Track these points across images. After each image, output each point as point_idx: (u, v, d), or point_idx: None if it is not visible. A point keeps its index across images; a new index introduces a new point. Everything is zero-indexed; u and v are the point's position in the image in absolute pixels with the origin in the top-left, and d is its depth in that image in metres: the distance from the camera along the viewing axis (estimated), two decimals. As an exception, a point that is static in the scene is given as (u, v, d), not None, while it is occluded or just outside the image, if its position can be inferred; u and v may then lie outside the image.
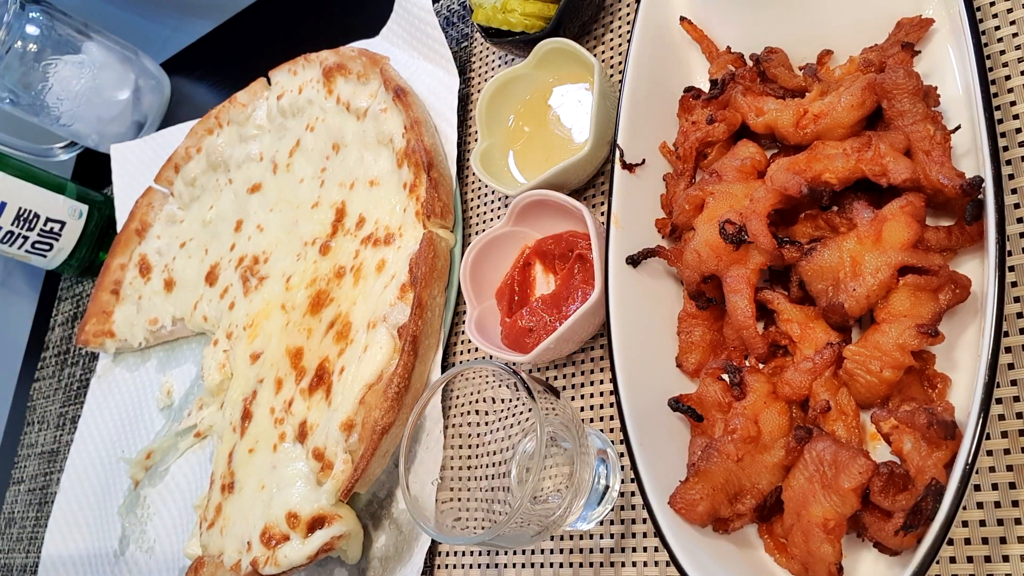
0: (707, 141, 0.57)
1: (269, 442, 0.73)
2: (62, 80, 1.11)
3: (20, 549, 1.04)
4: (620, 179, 0.58)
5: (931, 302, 0.45)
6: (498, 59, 0.82)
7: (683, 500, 0.46)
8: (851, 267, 0.46)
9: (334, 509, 0.65)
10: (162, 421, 0.94)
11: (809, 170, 0.49)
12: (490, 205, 0.76)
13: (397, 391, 0.65)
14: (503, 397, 0.56)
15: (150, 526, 0.88)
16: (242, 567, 0.67)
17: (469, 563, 0.65)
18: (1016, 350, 0.46)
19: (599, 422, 0.61)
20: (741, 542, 0.47)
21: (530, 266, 0.68)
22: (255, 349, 0.81)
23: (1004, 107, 0.50)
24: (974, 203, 0.44)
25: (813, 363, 0.47)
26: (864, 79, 0.50)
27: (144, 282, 1.00)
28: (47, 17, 1.09)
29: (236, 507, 0.72)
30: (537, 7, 0.70)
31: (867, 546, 0.44)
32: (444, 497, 0.53)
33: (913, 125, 0.48)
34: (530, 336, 0.63)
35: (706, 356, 0.54)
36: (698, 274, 0.53)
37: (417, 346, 0.67)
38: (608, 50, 0.73)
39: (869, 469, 0.41)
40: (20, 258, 1.08)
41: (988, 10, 0.52)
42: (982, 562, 0.43)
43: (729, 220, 0.50)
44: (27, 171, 1.05)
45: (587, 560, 0.58)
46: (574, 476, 0.50)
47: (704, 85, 0.61)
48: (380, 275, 0.73)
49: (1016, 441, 0.44)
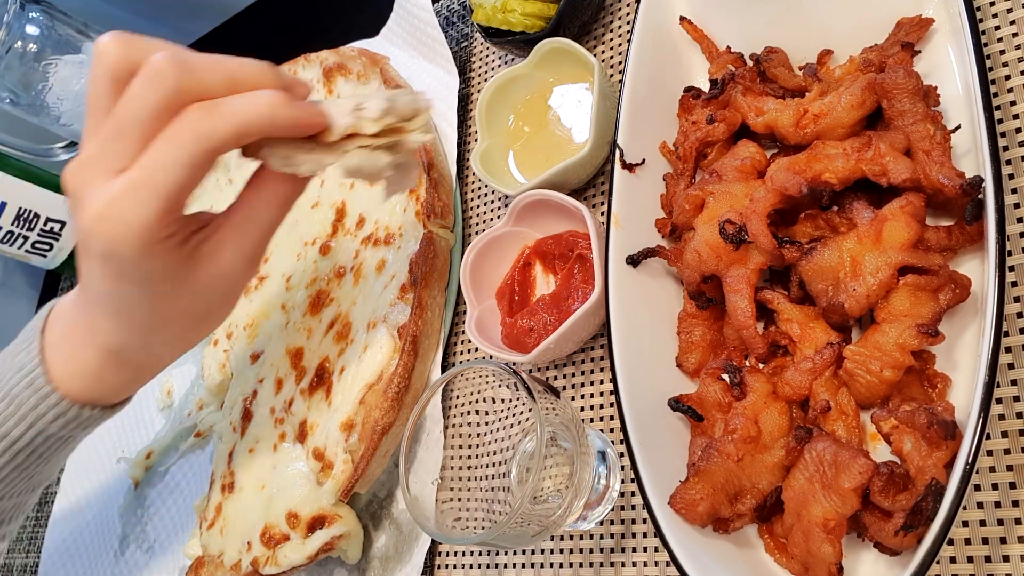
0: (707, 141, 0.57)
1: (269, 442, 0.73)
2: (62, 80, 1.11)
3: (20, 549, 1.04)
4: (620, 179, 0.58)
5: (931, 302, 0.45)
6: (498, 59, 0.82)
7: (683, 500, 0.46)
8: (851, 267, 0.46)
9: (334, 509, 0.65)
10: (162, 421, 0.94)
11: (809, 170, 0.49)
12: (490, 205, 0.76)
13: (397, 391, 0.65)
14: (503, 397, 0.56)
15: (150, 526, 0.88)
16: (242, 567, 0.67)
17: (469, 563, 0.65)
18: (1016, 350, 0.46)
19: (599, 422, 0.61)
20: (741, 542, 0.47)
21: (530, 266, 0.68)
22: (255, 349, 0.81)
23: (1004, 107, 0.50)
24: (974, 203, 0.44)
25: (813, 363, 0.47)
26: (864, 79, 0.50)
27: (144, 282, 1.00)
28: (47, 17, 1.09)
29: (236, 507, 0.72)
30: (537, 7, 0.70)
31: (867, 546, 0.44)
32: (444, 497, 0.53)
33: (913, 125, 0.48)
34: (530, 336, 0.63)
35: (706, 356, 0.54)
36: (698, 274, 0.53)
37: (417, 346, 0.67)
38: (608, 50, 0.73)
39: (869, 469, 0.41)
40: (20, 258, 1.08)
41: (988, 10, 0.52)
42: (982, 562, 0.43)
43: (729, 220, 0.50)
44: (27, 171, 1.05)
45: (587, 560, 0.58)
46: (574, 476, 0.50)
47: (704, 85, 0.61)
48: (380, 275, 0.73)
49: (1016, 441, 0.44)
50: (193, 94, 0.44)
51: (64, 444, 0.59)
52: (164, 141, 0.43)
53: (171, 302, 0.51)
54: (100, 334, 0.52)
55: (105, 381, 0.55)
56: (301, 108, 0.46)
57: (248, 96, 0.44)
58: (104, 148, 0.44)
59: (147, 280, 0.48)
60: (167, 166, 0.43)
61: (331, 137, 0.48)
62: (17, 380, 0.55)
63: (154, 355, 0.56)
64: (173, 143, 0.43)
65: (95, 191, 0.44)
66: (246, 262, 0.52)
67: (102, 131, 0.45)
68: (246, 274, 0.53)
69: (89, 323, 0.52)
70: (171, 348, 0.56)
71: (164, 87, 0.43)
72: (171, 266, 0.48)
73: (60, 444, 0.59)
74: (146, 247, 0.45)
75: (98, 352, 0.53)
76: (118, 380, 0.56)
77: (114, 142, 0.44)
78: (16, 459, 0.57)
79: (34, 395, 0.55)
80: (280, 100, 0.45)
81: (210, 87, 0.44)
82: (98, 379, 0.55)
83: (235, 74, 0.45)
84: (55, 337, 0.55)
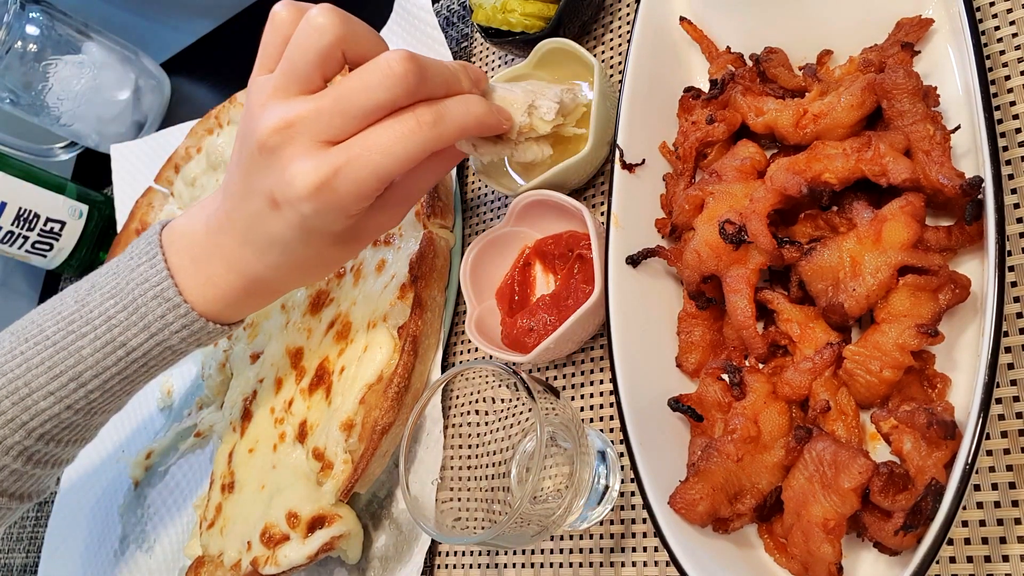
0: (707, 141, 0.57)
1: (269, 442, 0.73)
2: (62, 80, 1.11)
3: (20, 549, 1.04)
4: (620, 179, 0.58)
5: (931, 302, 0.45)
6: (498, 59, 0.82)
7: (683, 500, 0.46)
8: (851, 267, 0.46)
9: (334, 509, 0.65)
10: (162, 421, 0.94)
11: (809, 170, 0.49)
12: (490, 205, 0.76)
13: (397, 391, 0.65)
14: (503, 397, 0.56)
15: (150, 526, 0.88)
16: (242, 567, 0.67)
17: (469, 563, 0.65)
18: (1016, 350, 0.46)
19: (599, 422, 0.61)
20: (741, 542, 0.47)
21: (530, 266, 0.68)
22: (255, 349, 0.81)
23: (1004, 107, 0.50)
24: (974, 203, 0.44)
25: (813, 363, 0.47)
26: (864, 79, 0.50)
27: (144, 282, 1.00)
28: (47, 17, 1.09)
29: (236, 507, 0.72)
30: (537, 7, 0.70)
31: (867, 546, 0.44)
32: (444, 497, 0.53)
33: (913, 125, 0.48)
34: (530, 336, 0.63)
35: (706, 356, 0.54)
36: (698, 274, 0.53)
37: (417, 346, 0.67)
38: (608, 50, 0.73)
39: (869, 469, 0.41)
40: (20, 258, 1.08)
41: (988, 10, 0.52)
42: (982, 562, 0.43)
43: (729, 220, 0.50)
44: (27, 171, 1.05)
45: (587, 560, 0.58)
46: (574, 476, 0.50)
47: (704, 85, 0.61)
48: (380, 275, 0.73)
49: (1016, 441, 0.44)
50: (421, 96, 0.50)
51: (175, 359, 0.62)
52: (393, 130, 0.49)
53: (332, 247, 0.56)
54: (249, 265, 0.57)
55: (236, 303, 0.59)
56: (497, 114, 0.54)
57: (465, 105, 0.51)
58: (320, 118, 0.49)
59: (336, 234, 0.54)
60: (395, 152, 0.49)
61: (511, 135, 0.56)
62: (142, 292, 0.58)
63: (289, 285, 0.61)
64: (402, 134, 0.49)
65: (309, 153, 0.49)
66: (398, 217, 0.58)
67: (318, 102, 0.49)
68: (390, 226, 0.58)
69: (238, 253, 0.56)
70: (305, 280, 0.62)
71: (402, 89, 0.48)
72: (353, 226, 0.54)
73: (172, 358, 0.62)
74: (350, 214, 0.52)
75: (240, 278, 0.57)
76: (248, 303, 0.61)
77: (334, 116, 0.49)
78: (128, 369, 0.60)
79: (162, 305, 0.57)
80: (485, 108, 0.53)
81: (436, 89, 0.50)
82: (231, 301, 0.59)
83: (449, 78, 0.51)
84: (183, 259, 0.58)
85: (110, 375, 0.59)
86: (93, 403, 0.60)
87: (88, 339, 0.58)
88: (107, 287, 0.59)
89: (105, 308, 0.58)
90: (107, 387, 0.60)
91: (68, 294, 0.61)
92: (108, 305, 0.58)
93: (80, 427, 0.62)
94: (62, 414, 0.59)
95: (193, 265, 0.58)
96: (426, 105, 0.50)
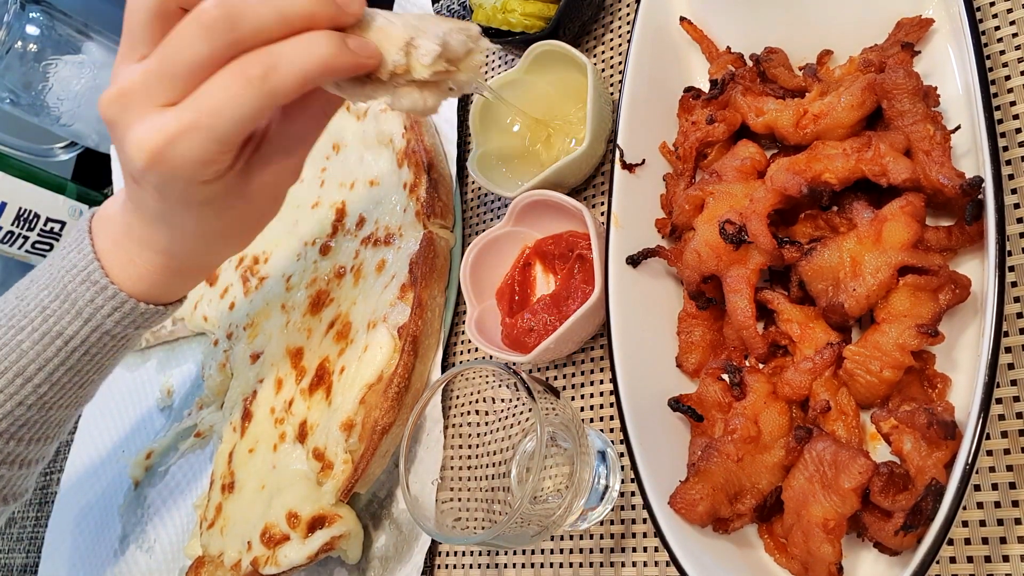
0: (707, 141, 0.57)
1: (269, 442, 0.73)
2: (62, 80, 1.11)
3: (20, 549, 1.04)
4: (620, 179, 0.58)
5: (931, 302, 0.45)
6: (498, 59, 0.82)
7: (683, 500, 0.46)
8: (851, 267, 0.46)
9: (334, 509, 0.65)
10: (162, 421, 0.94)
11: (809, 170, 0.49)
12: (490, 205, 0.76)
13: (397, 391, 0.65)
14: (503, 397, 0.56)
15: (150, 526, 0.88)
16: (242, 567, 0.67)
17: (469, 563, 0.65)
18: (1016, 350, 0.46)
19: (599, 422, 0.61)
20: (741, 542, 0.47)
21: (530, 266, 0.68)
22: (255, 349, 0.81)
23: (1004, 107, 0.50)
24: (974, 203, 0.44)
25: (813, 363, 0.47)
26: (864, 79, 0.50)
27: (144, 282, 1.00)
28: (47, 17, 1.09)
29: (236, 507, 0.72)
30: (537, 7, 0.70)
31: (867, 546, 0.44)
32: (444, 497, 0.53)
33: (913, 125, 0.48)
34: (530, 336, 0.63)
35: (706, 356, 0.54)
36: (698, 274, 0.53)
37: (417, 346, 0.67)
38: (608, 50, 0.73)
39: (869, 469, 0.41)
40: (20, 258, 1.08)
41: (988, 10, 0.52)
42: (982, 562, 0.43)
43: (729, 220, 0.50)
44: (27, 171, 1.05)
45: (587, 560, 0.58)
46: (574, 476, 0.50)
47: (704, 85, 0.61)
48: (380, 275, 0.73)
49: (1016, 441, 0.44)
50: (247, 43, 0.43)
51: (117, 346, 0.61)
52: (222, 89, 0.43)
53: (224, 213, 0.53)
54: (157, 241, 0.55)
55: (162, 281, 0.58)
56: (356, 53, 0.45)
57: (305, 45, 0.43)
58: (148, 83, 0.45)
59: (202, 202, 0.50)
60: (226, 114, 0.44)
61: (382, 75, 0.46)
62: (71, 278, 0.56)
63: (210, 257, 0.59)
64: (232, 92, 0.43)
65: (142, 121, 0.45)
66: (292, 171, 0.54)
67: (146, 66, 0.45)
68: (290, 180, 0.55)
69: (145, 231, 0.55)
70: (226, 250, 0.59)
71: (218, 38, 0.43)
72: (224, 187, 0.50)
73: (114, 345, 0.60)
74: (202, 180, 0.47)
75: (157, 254, 0.56)
76: (176, 280, 0.59)
77: (161, 79, 0.44)
78: (70, 359, 0.59)
79: (90, 289, 0.56)
80: (336, 47, 0.44)
81: (263, 30, 0.43)
82: (156, 279, 0.57)
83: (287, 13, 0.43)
84: (107, 243, 0.57)
85: (53, 367, 0.58)
86: (44, 397, 0.60)
87: (26, 332, 0.57)
88: (43, 279, 0.58)
89: (40, 299, 0.57)
90: (54, 380, 0.59)
91: (11, 291, 0.60)
92: (43, 296, 0.57)
93: (38, 424, 0.62)
94: (15, 411, 0.59)
95: (115, 247, 0.56)
96: (255, 54, 0.43)
